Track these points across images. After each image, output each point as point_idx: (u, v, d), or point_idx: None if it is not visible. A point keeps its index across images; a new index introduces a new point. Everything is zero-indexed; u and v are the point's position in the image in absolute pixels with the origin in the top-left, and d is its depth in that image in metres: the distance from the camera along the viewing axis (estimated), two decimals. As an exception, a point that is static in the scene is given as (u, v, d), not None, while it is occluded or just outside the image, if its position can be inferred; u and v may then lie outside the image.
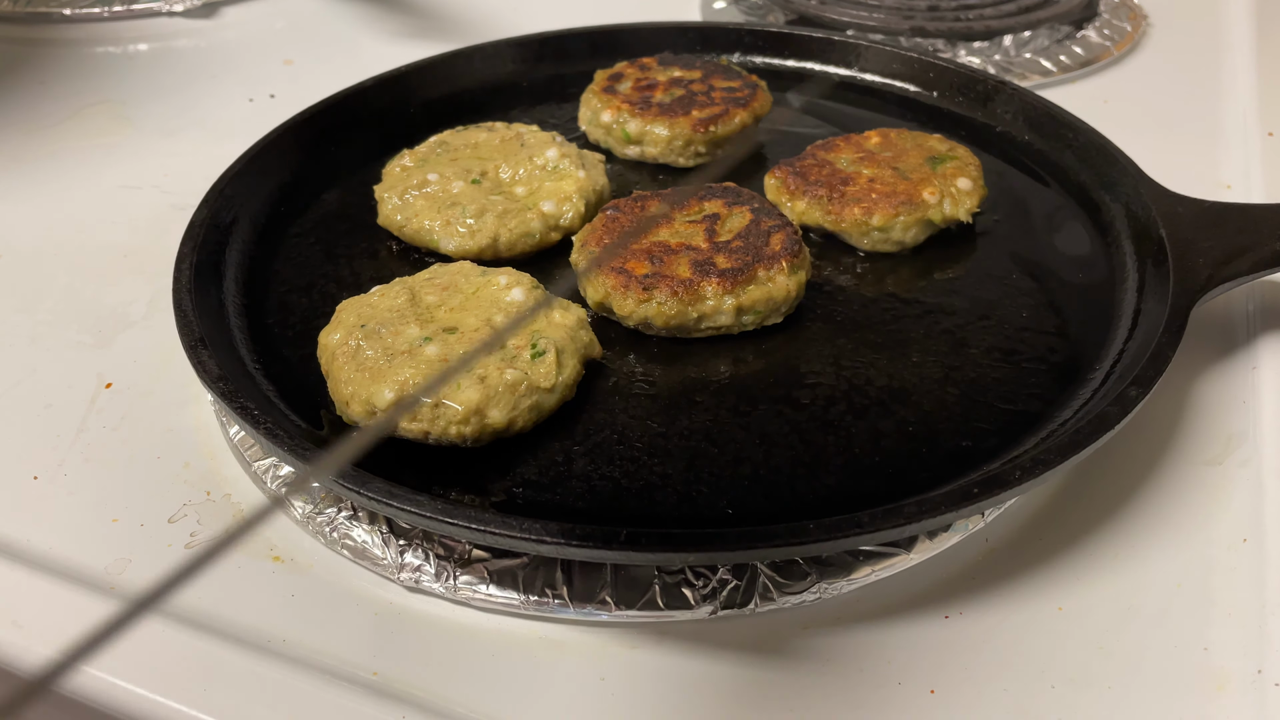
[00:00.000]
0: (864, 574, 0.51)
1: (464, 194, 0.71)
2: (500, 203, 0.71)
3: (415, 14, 1.17)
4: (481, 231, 0.69)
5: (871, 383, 0.61)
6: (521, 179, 0.74)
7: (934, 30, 1.04)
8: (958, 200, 0.71)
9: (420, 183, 0.72)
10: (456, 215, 0.70)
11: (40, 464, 0.60)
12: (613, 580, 0.51)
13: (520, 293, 0.61)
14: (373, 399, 0.55)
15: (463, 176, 0.73)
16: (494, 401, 0.55)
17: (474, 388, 0.55)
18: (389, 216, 0.72)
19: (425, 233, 0.70)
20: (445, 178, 0.73)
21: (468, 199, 0.71)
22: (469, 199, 0.71)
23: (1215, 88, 1.00)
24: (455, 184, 0.72)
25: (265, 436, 0.52)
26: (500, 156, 0.75)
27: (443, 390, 0.54)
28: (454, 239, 0.70)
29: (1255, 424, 0.61)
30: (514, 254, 0.70)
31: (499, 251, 0.70)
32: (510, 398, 0.55)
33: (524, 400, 0.55)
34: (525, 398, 0.55)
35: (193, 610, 0.52)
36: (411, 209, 0.71)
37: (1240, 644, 0.49)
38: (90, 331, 0.70)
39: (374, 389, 0.55)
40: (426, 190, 0.72)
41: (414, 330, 0.58)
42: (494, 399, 0.55)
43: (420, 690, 0.48)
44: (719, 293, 0.62)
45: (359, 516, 0.54)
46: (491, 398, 0.55)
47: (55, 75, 1.04)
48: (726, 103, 0.81)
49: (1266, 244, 0.63)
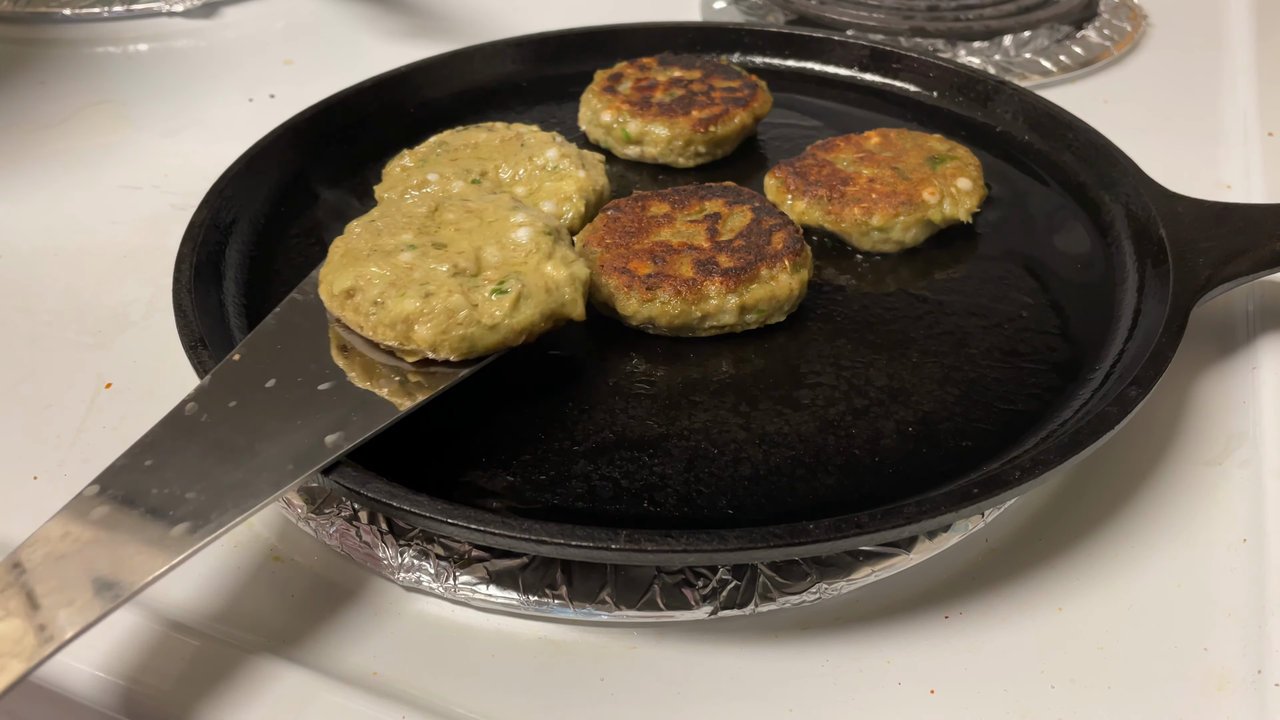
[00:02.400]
0: (864, 574, 0.51)
1: (465, 194, 0.71)
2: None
3: (415, 14, 1.17)
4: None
5: (871, 383, 0.61)
6: (522, 179, 0.73)
7: (934, 30, 1.04)
8: (958, 200, 0.71)
9: (420, 183, 0.72)
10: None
11: (40, 464, 0.60)
12: (613, 580, 0.51)
13: (526, 234, 0.61)
14: (333, 283, 0.57)
15: (463, 176, 0.73)
16: (426, 318, 0.55)
17: (414, 299, 0.55)
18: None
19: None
20: (445, 178, 0.72)
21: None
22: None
23: (1215, 88, 1.00)
24: (455, 184, 0.72)
25: (265, 436, 0.52)
26: (500, 157, 0.75)
27: (390, 291, 0.56)
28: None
29: (1255, 424, 0.61)
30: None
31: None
32: (444, 321, 0.55)
33: (457, 329, 0.55)
34: (460, 327, 0.55)
35: (193, 610, 0.52)
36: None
37: (1240, 644, 0.49)
38: (90, 332, 0.70)
39: (337, 275, 0.57)
40: (427, 190, 0.72)
41: (407, 236, 0.60)
42: (427, 316, 0.55)
43: (420, 690, 0.48)
44: (722, 292, 0.62)
45: (359, 516, 0.54)
46: (426, 314, 0.55)
47: (55, 75, 1.04)
48: (726, 103, 0.81)
49: (1266, 244, 0.63)
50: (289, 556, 0.55)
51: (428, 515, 0.48)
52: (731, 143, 0.82)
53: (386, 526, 0.54)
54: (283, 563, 0.54)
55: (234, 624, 0.51)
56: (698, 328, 0.64)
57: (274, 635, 0.51)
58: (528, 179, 0.73)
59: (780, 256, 0.64)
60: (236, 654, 0.49)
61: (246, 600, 0.52)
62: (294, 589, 0.53)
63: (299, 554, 0.55)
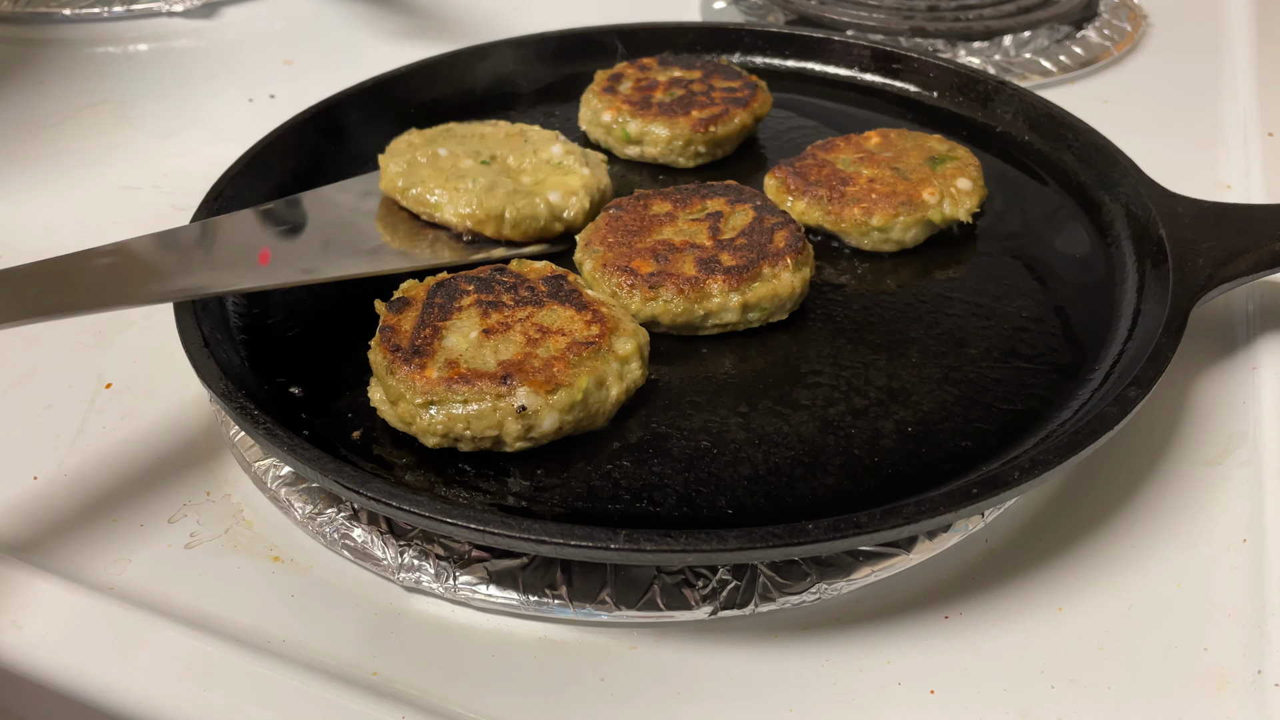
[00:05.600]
0: (864, 574, 0.51)
1: (473, 169, 0.72)
2: (508, 183, 0.71)
3: (415, 14, 1.17)
4: (487, 204, 0.69)
5: (871, 383, 0.61)
6: (528, 169, 0.74)
7: (934, 30, 1.04)
8: (958, 200, 0.71)
9: (431, 156, 0.73)
10: (464, 185, 0.70)
11: (40, 464, 0.60)
12: (613, 580, 0.51)
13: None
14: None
15: (473, 156, 0.74)
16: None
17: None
18: (391, 181, 0.72)
19: (427, 197, 0.70)
20: (455, 154, 0.73)
21: (476, 173, 0.71)
22: (478, 173, 0.71)
23: (1215, 88, 1.00)
24: (465, 160, 0.73)
25: (265, 437, 0.52)
26: (506, 149, 0.75)
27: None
28: (458, 206, 0.70)
29: (1255, 424, 0.61)
30: (515, 234, 0.70)
31: (501, 228, 0.70)
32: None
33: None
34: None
35: (193, 610, 0.52)
36: (417, 175, 0.71)
37: (1240, 644, 0.49)
38: (90, 331, 0.70)
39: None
40: (435, 162, 0.72)
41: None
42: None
43: (420, 690, 0.48)
44: (725, 290, 0.62)
45: (359, 516, 0.54)
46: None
47: (55, 75, 1.04)
48: (726, 103, 0.81)
49: (1266, 244, 0.63)
50: (289, 556, 0.55)
51: (428, 515, 0.48)
52: (731, 143, 0.82)
53: (386, 526, 0.54)
54: (283, 563, 0.54)
55: (234, 624, 0.51)
56: (700, 326, 0.64)
57: (274, 635, 0.50)
58: (533, 169, 0.74)
59: (782, 255, 0.64)
60: (237, 653, 0.49)
61: (246, 600, 0.52)
62: (294, 589, 0.53)
63: (299, 554, 0.55)
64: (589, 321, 0.58)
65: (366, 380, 0.59)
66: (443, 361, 0.56)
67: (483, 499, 0.54)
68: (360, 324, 0.65)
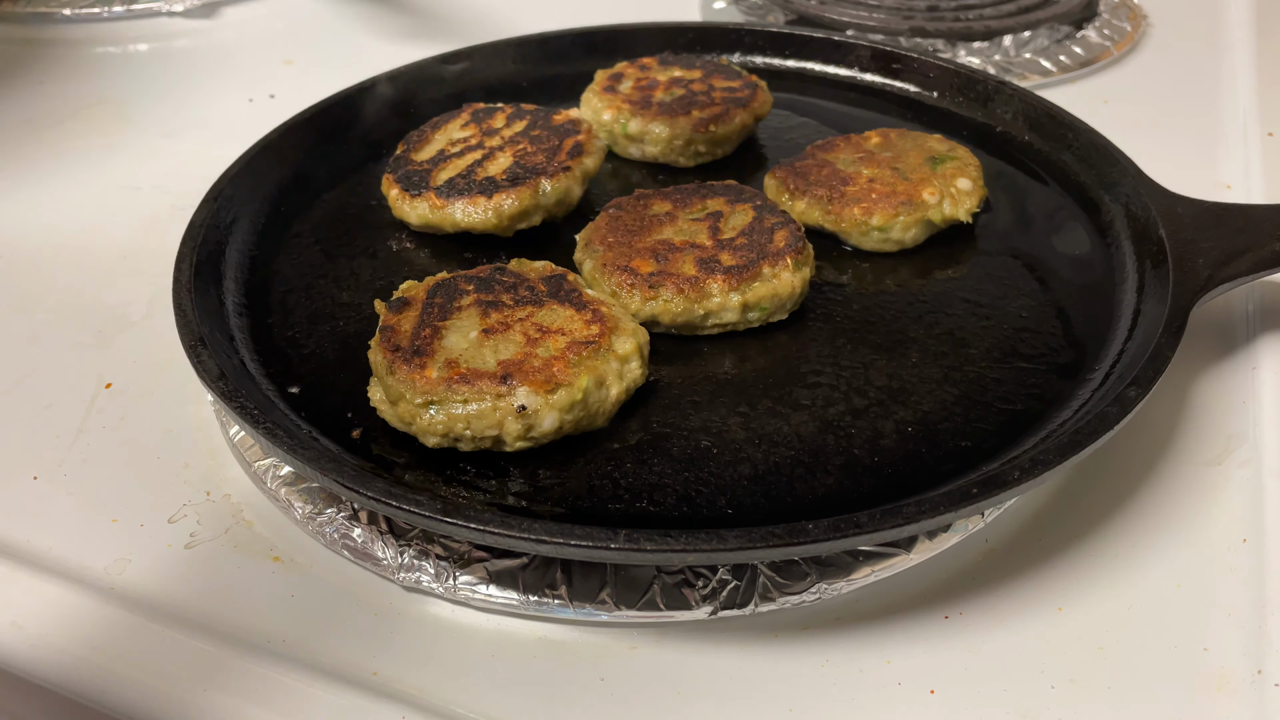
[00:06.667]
0: (864, 574, 0.51)
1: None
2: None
3: (415, 14, 1.17)
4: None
5: (871, 383, 0.61)
6: None
7: (934, 30, 1.04)
8: (958, 200, 0.71)
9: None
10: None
11: (40, 464, 0.60)
12: (613, 580, 0.51)
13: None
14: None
15: None
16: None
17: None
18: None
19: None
20: None
21: None
22: None
23: (1215, 88, 1.00)
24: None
25: (265, 436, 0.52)
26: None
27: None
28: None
29: (1255, 424, 0.61)
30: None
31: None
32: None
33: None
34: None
35: (193, 610, 0.52)
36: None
37: (1240, 644, 0.49)
38: (90, 331, 0.70)
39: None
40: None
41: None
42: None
43: (420, 690, 0.48)
44: (724, 290, 0.62)
45: (359, 516, 0.54)
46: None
47: (55, 75, 1.04)
48: (726, 103, 0.81)
49: (1266, 244, 0.63)
50: (289, 556, 0.55)
51: (428, 515, 0.48)
52: (731, 142, 0.82)
53: (386, 526, 0.54)
54: (283, 563, 0.54)
55: (234, 624, 0.51)
56: (700, 326, 0.64)
57: (274, 635, 0.50)
58: None
59: (782, 254, 0.64)
60: (237, 653, 0.49)
61: (246, 600, 0.52)
62: (294, 589, 0.53)
63: (299, 554, 0.55)
64: (589, 321, 0.58)
65: (366, 380, 0.59)
66: (443, 361, 0.56)
67: (483, 499, 0.54)
68: (360, 324, 0.65)
